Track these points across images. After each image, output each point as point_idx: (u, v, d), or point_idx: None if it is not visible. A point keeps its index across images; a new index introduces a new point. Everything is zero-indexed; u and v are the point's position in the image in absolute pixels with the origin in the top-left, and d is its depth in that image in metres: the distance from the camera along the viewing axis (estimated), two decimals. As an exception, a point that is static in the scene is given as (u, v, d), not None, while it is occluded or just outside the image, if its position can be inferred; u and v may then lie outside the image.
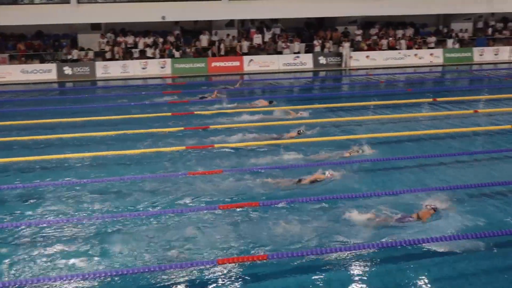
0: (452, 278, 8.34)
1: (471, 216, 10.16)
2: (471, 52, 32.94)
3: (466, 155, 14.17)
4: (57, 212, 10.83)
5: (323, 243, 9.32)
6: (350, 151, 14.04)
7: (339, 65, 31.28)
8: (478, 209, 10.56)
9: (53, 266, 8.74)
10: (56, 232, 9.90)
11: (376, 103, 20.89)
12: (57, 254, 9.11)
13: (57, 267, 8.69)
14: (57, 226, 10.12)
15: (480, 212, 10.38)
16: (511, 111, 19.25)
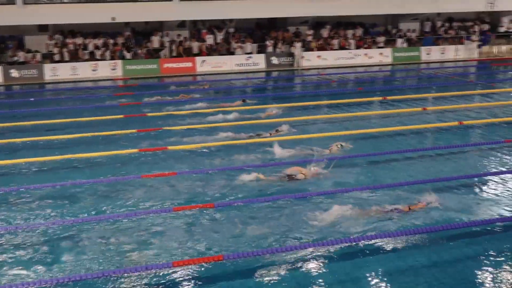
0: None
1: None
2: (418, 51, 33.77)
3: (422, 151, 14.56)
4: (6, 219, 10.52)
5: (279, 242, 9.39)
6: (331, 148, 14.26)
7: (291, 65, 31.53)
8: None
9: (4, 274, 8.49)
10: (5, 240, 9.62)
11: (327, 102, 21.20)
12: (7, 262, 8.85)
13: (7, 275, 8.44)
14: (6, 232, 9.84)
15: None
16: (458, 108, 19.85)
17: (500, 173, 12.75)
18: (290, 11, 31.50)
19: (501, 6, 34.26)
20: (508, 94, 22.96)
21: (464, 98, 21.83)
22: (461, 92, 22.67)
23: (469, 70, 31.96)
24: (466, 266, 8.68)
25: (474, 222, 9.85)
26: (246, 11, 30.71)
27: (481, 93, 23.18)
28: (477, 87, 24.79)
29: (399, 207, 10.47)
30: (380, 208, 10.46)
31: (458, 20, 36.26)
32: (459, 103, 20.73)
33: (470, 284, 8.10)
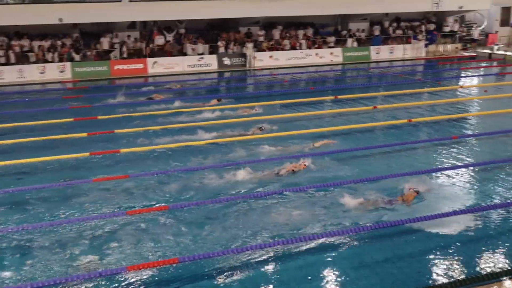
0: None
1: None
2: (368, 51, 34.38)
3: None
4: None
5: (235, 243, 9.39)
6: (315, 142, 14.73)
7: (244, 65, 31.56)
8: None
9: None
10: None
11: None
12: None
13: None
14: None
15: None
16: (407, 106, 20.32)
17: (450, 168, 13.10)
18: (242, 12, 31.50)
19: (446, 6, 35.26)
20: (454, 92, 23.66)
21: (412, 96, 22.37)
22: (409, 90, 23.21)
23: (417, 68, 32.78)
24: (419, 261, 8.89)
25: (425, 217, 10.08)
26: (197, 12, 30.53)
27: (429, 91, 23.80)
28: (425, 85, 25.43)
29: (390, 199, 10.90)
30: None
31: (405, 20, 37.13)
32: (408, 101, 21.23)
33: (423, 278, 8.28)
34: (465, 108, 20.42)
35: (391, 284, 8.15)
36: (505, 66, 31.31)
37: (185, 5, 30.10)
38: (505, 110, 19.28)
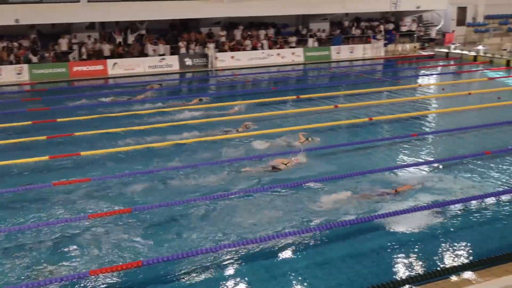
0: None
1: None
2: (329, 50, 34.73)
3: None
4: None
5: (198, 244, 9.36)
6: (300, 139, 14.95)
7: (205, 66, 31.46)
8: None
9: None
10: None
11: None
12: None
13: None
14: None
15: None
16: (368, 104, 20.61)
17: (411, 165, 13.35)
18: (202, 12, 31.41)
19: (404, 7, 35.91)
20: (413, 90, 24.13)
21: (373, 95, 22.71)
22: (370, 89, 23.56)
23: (376, 68, 33.28)
24: (381, 256, 9.03)
25: (387, 213, 10.26)
26: (157, 13, 30.28)
27: (388, 89, 24.18)
28: (385, 84, 25.83)
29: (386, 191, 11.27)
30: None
31: (364, 20, 37.67)
32: (369, 100, 21.54)
33: (385, 273, 8.41)
34: (424, 106, 20.84)
35: (355, 279, 8.26)
36: (461, 65, 32.09)
37: (146, 6, 29.84)
38: (462, 108, 19.80)
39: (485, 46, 34.26)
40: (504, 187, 11.69)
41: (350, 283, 8.20)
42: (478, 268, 8.13)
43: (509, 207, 10.80)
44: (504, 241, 9.40)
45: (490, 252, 8.67)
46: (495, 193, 11.22)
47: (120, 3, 29.51)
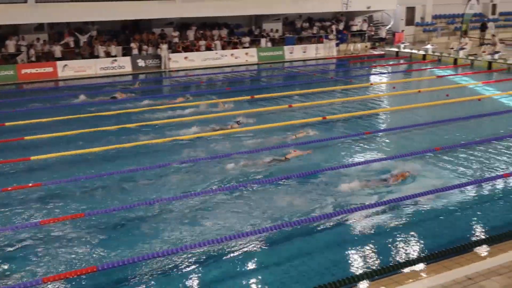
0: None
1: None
2: (282, 50, 34.95)
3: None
4: None
5: (152, 248, 9.26)
6: (296, 133, 15.79)
7: (159, 67, 31.16)
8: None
9: None
10: None
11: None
12: None
13: None
14: None
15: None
16: (321, 104, 20.83)
17: (364, 162, 13.56)
18: (155, 13, 31.07)
19: (355, 7, 36.51)
20: (365, 89, 24.55)
21: (326, 94, 22.97)
22: (323, 89, 23.82)
23: (329, 67, 33.67)
24: (332, 253, 9.15)
25: (337, 212, 10.41)
26: (108, 13, 29.76)
27: (341, 88, 24.54)
28: (337, 84, 26.20)
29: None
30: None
31: (317, 20, 38.09)
32: (322, 99, 21.78)
33: (335, 269, 8.52)
34: (376, 105, 21.23)
35: (309, 276, 8.32)
36: (411, 64, 32.83)
37: (96, 6, 29.29)
38: (412, 105, 20.26)
39: (433, 45, 35.17)
40: (454, 182, 12.00)
41: (304, 280, 8.25)
42: (430, 261, 8.32)
43: (459, 201, 11.11)
44: (455, 234, 9.66)
45: (441, 246, 8.90)
46: (445, 188, 11.51)
47: (69, 3, 28.90)
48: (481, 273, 7.74)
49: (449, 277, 7.66)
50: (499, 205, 10.99)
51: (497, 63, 29.27)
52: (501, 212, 10.66)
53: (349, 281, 7.83)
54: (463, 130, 16.79)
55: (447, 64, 31.28)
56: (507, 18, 45.44)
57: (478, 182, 11.88)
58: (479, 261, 8.14)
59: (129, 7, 29.94)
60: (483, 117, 18.33)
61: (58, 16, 28.92)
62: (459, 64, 30.91)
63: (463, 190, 11.56)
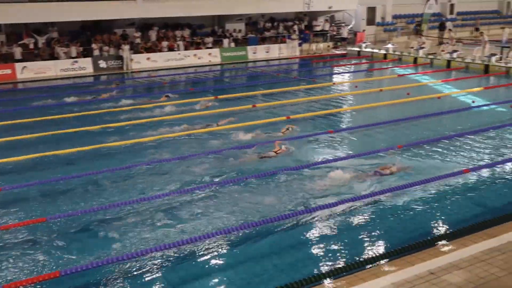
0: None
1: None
2: (245, 50, 35.00)
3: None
4: None
5: (116, 251, 9.15)
6: (284, 129, 16.34)
7: (121, 68, 30.82)
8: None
9: None
10: None
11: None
12: None
13: None
14: None
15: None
16: (285, 103, 20.93)
17: (328, 161, 13.68)
18: (115, 13, 30.70)
19: (317, 7, 36.83)
20: (328, 89, 24.78)
21: (289, 93, 23.09)
22: (286, 88, 23.95)
23: (292, 67, 33.87)
24: (297, 252, 9.21)
25: (300, 211, 10.48)
26: (68, 14, 29.26)
27: (304, 88, 24.71)
28: (301, 83, 26.37)
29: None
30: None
31: (279, 20, 38.27)
32: (286, 98, 21.89)
33: (301, 268, 8.57)
34: (339, 104, 21.44)
35: (275, 275, 8.35)
36: (372, 63, 33.29)
37: (55, 6, 28.82)
38: (374, 104, 20.55)
39: (394, 45, 35.75)
40: (415, 179, 12.21)
41: (269, 280, 8.28)
42: (394, 257, 8.45)
43: (421, 198, 11.31)
44: (417, 230, 9.82)
45: (404, 242, 9.04)
46: (407, 185, 11.71)
47: (27, 3, 28.33)
48: (443, 268, 7.89)
49: (412, 272, 7.79)
50: (459, 201, 11.23)
51: (455, 61, 29.94)
52: (461, 207, 10.90)
53: (314, 279, 7.88)
54: (424, 127, 17.11)
55: (408, 63, 31.84)
56: (464, 18, 46.58)
57: (439, 179, 12.10)
58: (441, 255, 8.30)
59: (88, 8, 29.52)
60: (443, 115, 18.73)
61: (15, 16, 28.24)
62: (419, 63, 31.51)
63: (425, 186, 11.77)
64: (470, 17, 46.92)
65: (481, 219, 9.83)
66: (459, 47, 32.14)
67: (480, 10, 47.96)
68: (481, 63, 28.64)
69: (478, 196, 11.44)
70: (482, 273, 7.71)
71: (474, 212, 10.61)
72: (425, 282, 7.52)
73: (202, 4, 32.66)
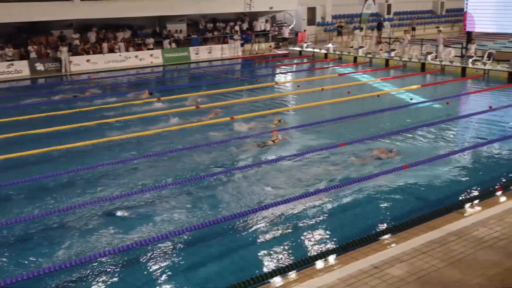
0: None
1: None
2: (187, 51, 34.81)
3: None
4: None
5: (63, 258, 8.93)
6: (276, 119, 17.30)
7: (59, 70, 30.02)
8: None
9: None
10: None
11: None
12: None
13: None
14: None
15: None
16: (228, 103, 20.93)
17: (271, 161, 13.78)
18: (52, 14, 29.86)
19: (258, 7, 37.07)
20: (271, 88, 24.97)
21: (233, 94, 23.11)
22: (230, 89, 23.97)
23: (235, 67, 33.95)
24: (245, 251, 9.26)
25: (245, 211, 10.53)
26: (2, 16, 28.23)
27: (247, 88, 24.80)
28: (243, 83, 26.44)
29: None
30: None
31: (221, 20, 38.24)
32: (229, 99, 21.90)
33: (249, 267, 8.61)
34: (282, 103, 21.63)
35: (222, 275, 8.35)
36: (314, 62, 33.78)
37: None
38: (316, 103, 20.85)
39: (334, 44, 36.41)
40: (357, 175, 12.48)
41: (217, 280, 8.28)
42: (339, 253, 8.60)
43: (364, 194, 11.55)
44: (360, 226, 10.04)
45: (348, 238, 9.22)
46: (350, 182, 11.96)
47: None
48: (386, 261, 8.10)
49: (357, 267, 7.96)
50: (400, 196, 11.54)
51: (393, 60, 30.77)
52: (402, 202, 11.21)
53: (261, 278, 7.92)
54: (365, 125, 17.50)
55: (348, 62, 32.50)
56: (401, 18, 47.96)
57: (380, 175, 12.41)
58: (384, 250, 8.52)
59: (23, 9, 28.59)
60: (383, 112, 19.23)
61: None
62: (359, 62, 32.22)
63: (367, 182, 12.04)
64: (406, 16, 48.36)
65: (422, 212, 10.15)
66: (397, 46, 33.04)
67: (415, 10, 49.54)
68: (417, 62, 29.56)
69: (418, 191, 11.79)
70: (423, 265, 7.97)
71: (414, 206, 10.94)
72: (369, 276, 7.70)
73: (142, 4, 32.23)
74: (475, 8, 29.16)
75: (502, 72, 25.85)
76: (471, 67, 27.14)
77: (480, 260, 8.08)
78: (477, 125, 17.46)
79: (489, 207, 10.13)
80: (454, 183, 12.21)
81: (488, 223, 9.36)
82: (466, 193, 11.44)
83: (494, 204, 10.31)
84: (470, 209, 10.12)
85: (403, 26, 46.10)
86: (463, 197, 11.15)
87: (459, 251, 8.35)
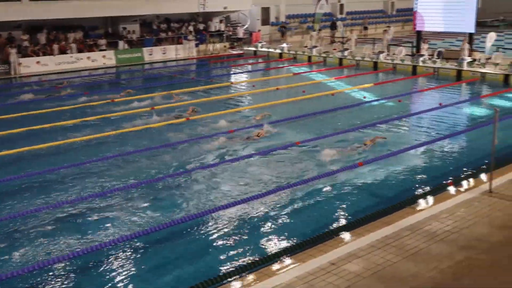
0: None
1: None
2: (141, 52, 34.39)
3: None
4: None
5: (24, 263, 8.71)
6: (262, 114, 17.99)
7: (8, 73, 29.18)
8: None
9: None
10: None
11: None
12: None
13: None
14: None
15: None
16: (184, 104, 20.78)
17: (230, 160, 13.79)
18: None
19: (212, 7, 36.97)
20: (226, 89, 24.96)
21: (188, 94, 22.97)
22: (185, 89, 23.80)
23: (190, 68, 33.79)
24: (204, 253, 9.25)
25: (200, 213, 10.51)
26: None
27: (203, 89, 24.70)
28: (199, 84, 26.32)
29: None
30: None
31: (175, 21, 37.96)
32: (185, 99, 21.75)
33: (207, 269, 8.59)
34: (237, 103, 21.66)
35: (185, 277, 8.31)
36: (268, 62, 33.93)
37: None
38: (271, 103, 20.94)
39: (288, 44, 36.65)
40: (314, 173, 12.62)
41: (175, 283, 8.24)
42: (296, 251, 8.68)
43: (320, 191, 11.70)
44: (317, 223, 10.16)
45: (305, 235, 9.32)
46: (305, 180, 12.07)
47: None
48: (343, 258, 8.22)
49: (315, 264, 8.04)
50: (356, 192, 11.73)
51: (347, 59, 31.22)
52: (357, 198, 11.41)
53: (221, 279, 7.92)
54: (321, 123, 17.70)
55: (302, 61, 32.79)
56: (354, 17, 48.71)
57: (337, 172, 12.59)
58: (341, 246, 8.64)
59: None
60: (337, 111, 19.49)
61: None
62: (313, 61, 32.55)
63: (323, 180, 12.18)
64: (359, 16, 49.15)
65: (376, 208, 10.35)
66: (350, 45, 33.53)
67: (367, 10, 50.39)
68: (370, 61, 30.08)
69: (372, 187, 12.02)
70: (379, 260, 8.12)
71: (369, 202, 11.15)
72: (327, 273, 7.79)
73: (93, 4, 31.67)
74: (424, 8, 29.85)
75: (451, 70, 26.60)
76: (421, 66, 27.83)
77: (433, 253, 8.30)
78: (428, 122, 17.92)
79: (441, 202, 10.41)
80: (407, 179, 12.49)
81: (440, 217, 9.62)
82: (419, 189, 11.73)
83: (445, 198, 10.60)
84: (423, 204, 10.37)
85: (355, 25, 46.88)
86: (415, 193, 11.43)
87: (412, 245, 8.55)
